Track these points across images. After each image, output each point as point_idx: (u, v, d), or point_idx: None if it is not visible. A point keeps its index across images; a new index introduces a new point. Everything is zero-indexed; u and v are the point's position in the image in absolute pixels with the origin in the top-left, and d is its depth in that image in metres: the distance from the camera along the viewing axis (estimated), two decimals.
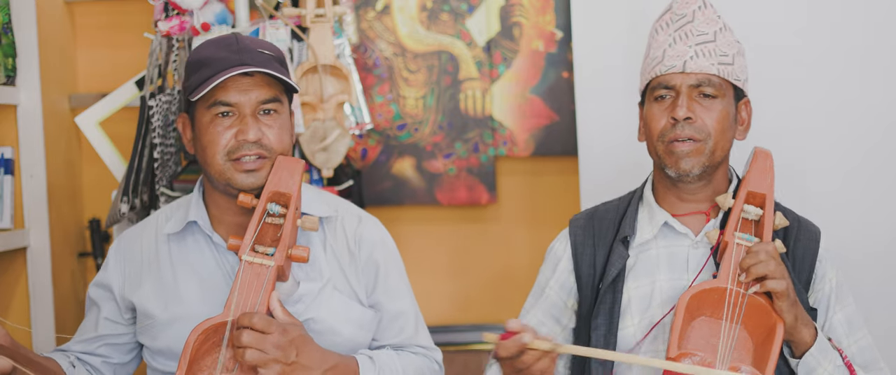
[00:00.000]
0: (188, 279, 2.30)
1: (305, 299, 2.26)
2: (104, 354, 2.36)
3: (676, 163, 2.24)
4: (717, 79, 2.25)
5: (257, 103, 2.23)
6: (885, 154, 2.89)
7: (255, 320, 2.07)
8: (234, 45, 2.24)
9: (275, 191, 2.21)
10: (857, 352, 2.28)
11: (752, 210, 2.23)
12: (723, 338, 2.15)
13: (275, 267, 2.15)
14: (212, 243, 2.31)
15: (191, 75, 2.26)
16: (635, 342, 2.27)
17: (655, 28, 2.32)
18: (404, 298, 2.39)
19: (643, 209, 2.35)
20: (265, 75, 2.23)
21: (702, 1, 2.30)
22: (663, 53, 2.27)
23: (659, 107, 2.27)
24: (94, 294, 2.38)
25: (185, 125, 2.33)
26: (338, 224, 2.36)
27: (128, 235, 2.41)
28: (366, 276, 2.34)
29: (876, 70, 2.89)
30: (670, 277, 2.28)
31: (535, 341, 2.05)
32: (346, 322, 2.29)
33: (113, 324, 2.36)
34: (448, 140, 3.46)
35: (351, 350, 2.28)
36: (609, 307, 2.27)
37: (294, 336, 2.11)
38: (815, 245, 2.29)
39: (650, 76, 2.29)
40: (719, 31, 2.28)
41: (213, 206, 2.32)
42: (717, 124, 2.24)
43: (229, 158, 2.22)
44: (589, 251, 2.35)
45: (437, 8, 3.44)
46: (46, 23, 3.29)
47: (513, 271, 3.49)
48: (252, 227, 2.19)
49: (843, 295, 2.30)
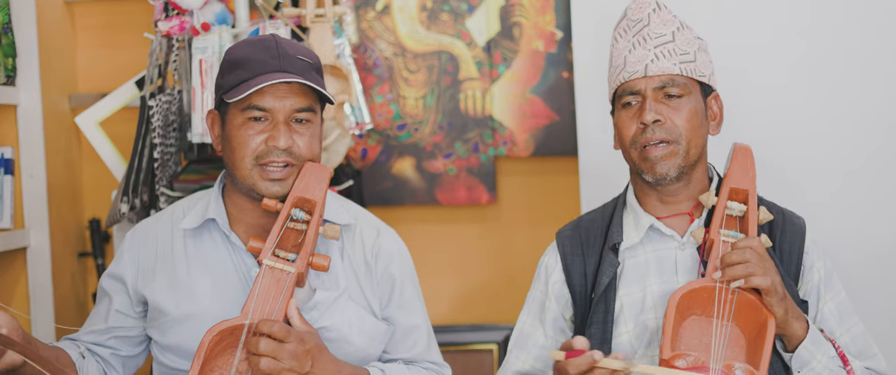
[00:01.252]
0: (202, 276, 2.29)
1: (320, 307, 2.24)
2: (114, 346, 2.35)
3: (652, 168, 2.24)
4: (682, 79, 2.26)
5: (292, 111, 2.21)
6: (886, 156, 2.89)
7: (274, 328, 2.06)
8: (273, 49, 2.22)
9: (300, 197, 2.19)
10: (849, 341, 2.28)
11: (736, 206, 2.23)
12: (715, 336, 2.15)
13: (295, 273, 2.14)
14: (229, 242, 2.30)
15: (226, 74, 2.24)
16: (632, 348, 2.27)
17: (614, 36, 2.34)
18: (418, 313, 2.38)
19: (628, 214, 2.35)
20: (302, 84, 2.22)
21: (655, 3, 2.31)
22: (624, 60, 2.28)
23: (627, 114, 2.28)
24: (107, 284, 2.36)
25: (215, 121, 2.30)
26: (356, 233, 2.35)
27: (143, 227, 2.39)
28: (381, 289, 2.33)
29: (876, 72, 2.89)
30: (660, 281, 2.28)
31: (606, 359, 2.02)
32: (359, 332, 2.28)
33: (123, 317, 2.34)
34: (448, 140, 3.46)
35: (362, 361, 2.28)
36: (602, 315, 2.28)
37: (310, 346, 2.10)
38: (800, 237, 2.30)
39: (615, 84, 2.31)
40: (677, 31, 2.28)
41: (231, 205, 2.31)
42: (686, 123, 2.24)
43: (257, 163, 2.20)
44: (579, 260, 2.35)
45: (437, 8, 3.44)
46: (46, 23, 3.29)
47: (513, 271, 3.49)
48: (275, 231, 2.17)
49: (832, 284, 2.31)
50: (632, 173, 2.34)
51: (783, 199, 2.43)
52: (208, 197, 2.34)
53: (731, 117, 2.50)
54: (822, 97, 2.92)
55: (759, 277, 2.11)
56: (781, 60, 2.93)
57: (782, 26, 2.93)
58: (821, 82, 2.92)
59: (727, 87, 2.61)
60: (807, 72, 2.92)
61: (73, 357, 2.27)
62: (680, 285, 2.23)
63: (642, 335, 2.27)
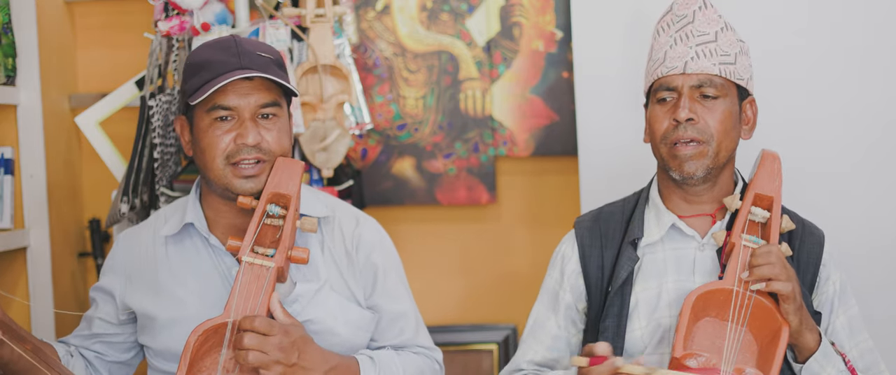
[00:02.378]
0: (185, 281, 2.31)
1: (301, 299, 2.26)
2: (99, 351, 2.38)
3: (680, 166, 2.23)
4: (719, 80, 2.24)
5: (257, 107, 2.23)
6: (885, 153, 2.89)
7: (256, 323, 2.07)
8: (232, 48, 2.24)
9: (275, 193, 2.21)
10: (858, 356, 2.27)
11: (760, 212, 2.23)
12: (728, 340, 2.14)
13: (275, 268, 2.15)
14: (209, 245, 2.32)
15: (189, 78, 2.26)
16: (643, 345, 2.26)
17: (657, 29, 2.32)
18: (404, 299, 2.39)
19: (650, 210, 2.34)
20: (265, 79, 2.23)
21: (702, 1, 2.30)
22: (664, 55, 2.26)
23: (661, 109, 2.27)
24: (95, 294, 2.41)
25: (184, 127, 2.33)
26: (335, 225, 2.36)
27: (126, 237, 2.42)
28: (364, 278, 2.34)
29: (876, 70, 2.89)
30: (677, 280, 2.27)
31: (628, 365, 2.03)
32: (343, 323, 2.29)
33: (107, 324, 2.38)
34: (448, 140, 3.46)
35: (349, 351, 2.29)
36: (617, 310, 2.27)
37: (296, 338, 2.11)
38: (819, 248, 2.29)
39: (653, 78, 2.29)
40: (721, 31, 2.27)
41: (209, 208, 2.33)
42: (719, 125, 2.23)
43: (228, 162, 2.22)
44: (596, 252, 2.34)
45: (437, 8, 3.44)
46: (46, 23, 3.29)
47: (513, 271, 3.49)
48: (252, 228, 2.19)
49: (846, 298, 2.30)
50: (658, 169, 2.33)
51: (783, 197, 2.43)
52: (186, 203, 2.36)
53: None
54: (821, 95, 2.92)
55: (781, 282, 2.11)
56: (781, 60, 2.93)
57: (781, 26, 2.93)
58: (820, 82, 2.92)
59: None
60: (805, 71, 2.92)
61: (61, 354, 2.31)
62: (696, 285, 2.23)
63: (655, 332, 2.26)
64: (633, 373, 2.03)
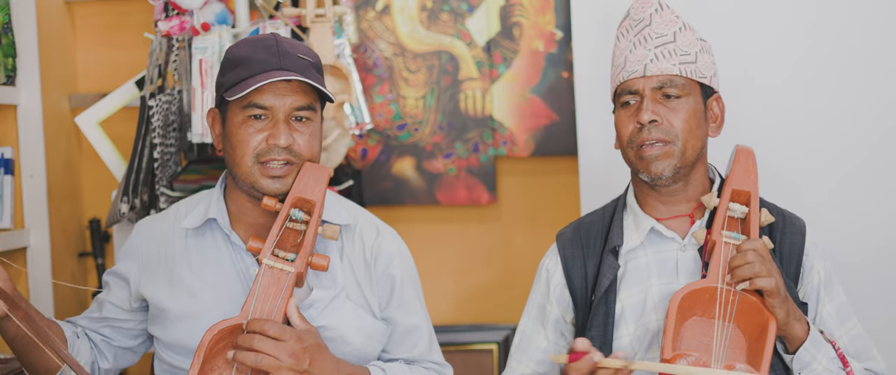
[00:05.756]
0: (203, 275, 2.30)
1: (317, 305, 2.25)
2: (106, 335, 2.39)
3: (648, 167, 2.25)
4: (680, 79, 2.26)
5: (292, 109, 2.22)
6: (884, 156, 2.89)
7: (266, 327, 2.07)
8: (273, 48, 2.23)
9: (299, 197, 2.20)
10: (848, 342, 2.28)
11: (738, 208, 2.24)
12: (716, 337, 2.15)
13: (295, 273, 2.15)
14: (229, 242, 2.31)
15: (227, 72, 2.25)
16: (632, 350, 2.27)
17: (617, 36, 2.34)
18: (418, 314, 2.38)
19: (628, 216, 2.35)
20: (302, 82, 2.23)
21: (658, 3, 2.31)
22: (625, 60, 2.28)
23: (626, 113, 2.28)
24: (109, 277, 2.41)
25: (216, 120, 2.31)
26: (356, 234, 2.35)
27: (145, 225, 2.41)
28: (381, 289, 2.34)
29: (876, 71, 2.89)
30: (661, 283, 2.28)
31: (606, 359, 2.05)
32: (357, 331, 2.28)
33: (118, 309, 2.38)
34: (448, 140, 3.46)
35: (361, 360, 2.29)
36: (602, 318, 2.28)
37: (308, 344, 2.11)
38: (801, 238, 2.30)
39: (615, 83, 2.31)
40: (679, 31, 2.28)
41: (233, 205, 2.32)
42: (683, 124, 2.24)
43: (257, 161, 2.22)
44: (579, 263, 2.35)
45: (437, 8, 3.44)
46: (46, 23, 3.29)
47: (513, 271, 3.49)
48: (274, 231, 2.18)
49: (831, 286, 2.31)
50: (632, 174, 2.34)
51: (781, 198, 2.44)
52: (210, 197, 2.35)
53: (730, 118, 2.50)
54: (822, 97, 2.92)
55: (763, 279, 2.11)
56: (780, 61, 2.93)
57: (782, 27, 2.93)
58: (820, 83, 2.92)
59: (726, 88, 2.61)
60: (806, 72, 2.92)
61: (67, 335, 2.31)
62: (681, 286, 2.23)
63: (643, 337, 2.27)
64: (612, 366, 2.05)
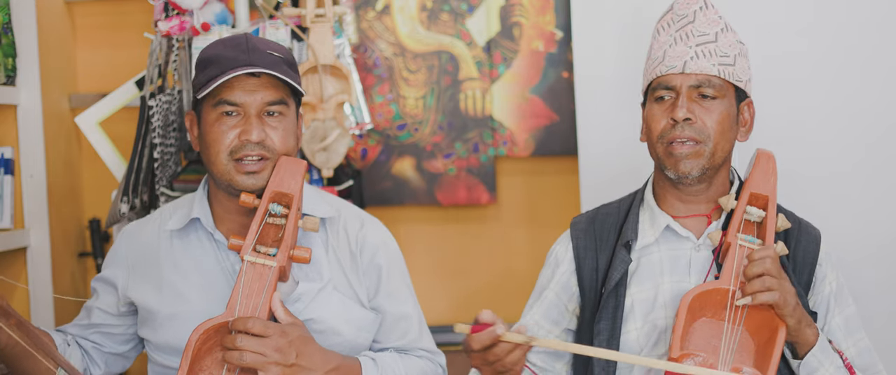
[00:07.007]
0: (189, 276, 2.31)
1: (304, 298, 2.26)
2: (96, 341, 2.39)
3: (676, 164, 2.23)
4: (718, 80, 2.24)
5: (263, 104, 2.24)
6: (885, 154, 2.89)
7: (249, 324, 2.08)
8: (242, 45, 2.25)
9: (277, 192, 2.21)
10: (855, 354, 2.27)
11: (755, 212, 2.23)
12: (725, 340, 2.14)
13: (277, 267, 2.15)
14: (213, 241, 2.32)
15: (199, 73, 2.27)
16: (639, 346, 2.26)
17: (657, 28, 2.32)
18: (407, 302, 2.39)
19: (644, 212, 2.34)
20: (272, 77, 2.23)
21: (703, 1, 2.29)
22: (664, 54, 2.26)
23: (659, 108, 2.27)
24: (96, 284, 2.41)
25: (193, 122, 2.33)
26: (340, 225, 2.36)
27: (131, 230, 2.43)
28: (368, 279, 2.34)
29: (876, 71, 2.89)
30: (673, 281, 2.27)
31: (508, 333, 2.03)
32: (346, 322, 2.29)
33: (106, 315, 2.38)
34: (448, 140, 3.46)
35: (351, 351, 2.29)
36: (612, 312, 2.27)
37: (293, 338, 2.11)
38: (815, 247, 2.29)
39: (651, 76, 2.29)
40: (721, 32, 2.27)
41: (216, 204, 2.33)
42: (717, 125, 2.23)
43: (232, 158, 2.23)
44: (591, 255, 2.34)
45: (437, 8, 3.44)
46: (46, 23, 3.29)
47: (512, 271, 3.49)
48: (254, 227, 2.19)
49: (842, 297, 2.30)
50: (655, 168, 2.33)
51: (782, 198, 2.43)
52: (193, 198, 2.37)
53: None
54: (820, 96, 2.92)
55: (767, 294, 2.11)
56: (781, 61, 2.93)
57: (781, 26, 2.93)
58: (818, 82, 2.92)
59: None
60: (806, 73, 2.92)
61: (58, 343, 2.32)
62: (693, 285, 2.23)
63: (651, 333, 2.26)
64: (514, 341, 2.02)
